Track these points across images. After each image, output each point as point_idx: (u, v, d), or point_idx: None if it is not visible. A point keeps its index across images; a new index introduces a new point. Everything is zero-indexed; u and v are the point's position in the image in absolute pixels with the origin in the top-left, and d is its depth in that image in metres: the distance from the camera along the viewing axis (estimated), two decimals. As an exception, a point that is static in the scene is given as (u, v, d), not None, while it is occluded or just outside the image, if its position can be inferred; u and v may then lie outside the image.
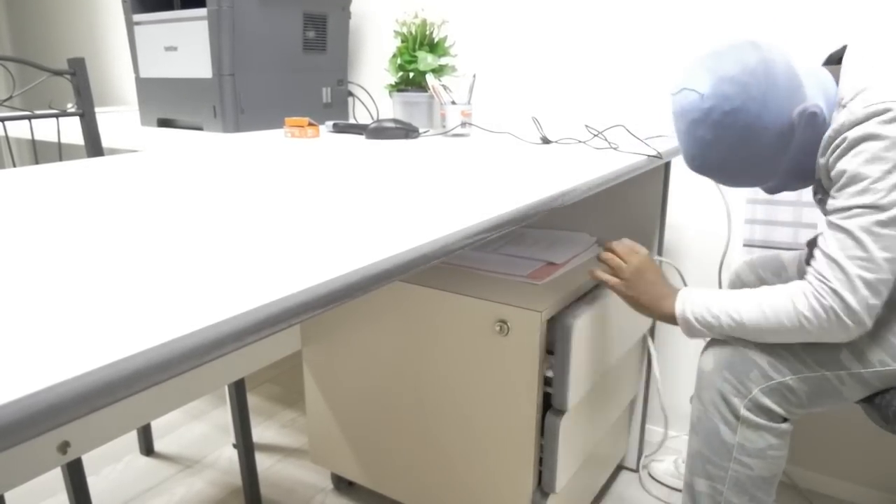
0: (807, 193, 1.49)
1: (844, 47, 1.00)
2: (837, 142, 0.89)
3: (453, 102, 1.54)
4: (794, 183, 1.03)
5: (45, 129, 1.60)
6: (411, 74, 1.73)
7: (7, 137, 1.49)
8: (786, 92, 0.93)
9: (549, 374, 1.15)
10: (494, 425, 1.20)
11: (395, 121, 1.52)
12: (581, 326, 1.12)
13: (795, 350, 0.96)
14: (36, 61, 1.38)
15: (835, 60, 1.02)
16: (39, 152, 2.37)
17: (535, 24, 1.79)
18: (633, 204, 1.45)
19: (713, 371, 1.01)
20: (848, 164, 0.87)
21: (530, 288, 1.20)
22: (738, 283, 1.36)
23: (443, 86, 1.56)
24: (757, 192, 1.55)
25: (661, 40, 1.62)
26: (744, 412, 0.98)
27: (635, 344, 1.49)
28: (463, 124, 1.54)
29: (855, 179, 0.86)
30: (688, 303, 1.02)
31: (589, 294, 1.26)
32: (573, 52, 1.74)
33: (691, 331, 1.02)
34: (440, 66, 1.72)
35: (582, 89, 1.75)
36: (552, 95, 1.80)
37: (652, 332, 1.54)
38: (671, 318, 1.04)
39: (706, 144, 0.96)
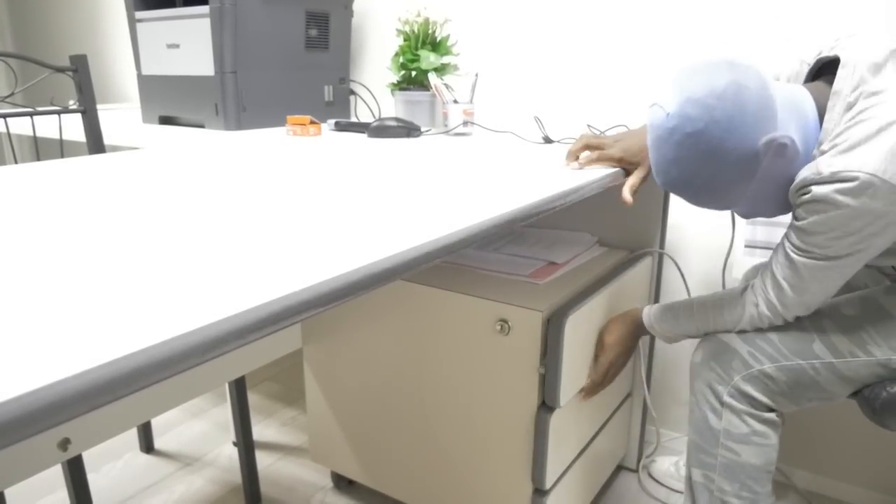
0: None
1: (837, 59, 0.96)
2: (803, 190, 0.91)
3: (455, 101, 1.54)
4: (767, 209, 1.02)
5: (46, 126, 1.60)
6: (413, 73, 1.73)
7: (9, 134, 1.49)
8: (753, 119, 0.90)
9: (541, 371, 1.14)
10: (495, 424, 1.20)
11: (397, 119, 1.52)
12: (573, 323, 1.11)
13: (772, 340, 1.03)
14: (38, 58, 1.38)
15: (823, 64, 1.01)
16: (41, 149, 2.37)
17: (537, 24, 1.79)
18: (634, 204, 1.45)
19: (701, 363, 1.08)
20: (806, 217, 0.91)
21: (531, 287, 1.20)
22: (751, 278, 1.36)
23: (445, 85, 1.56)
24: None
25: (663, 40, 1.62)
26: (727, 398, 1.04)
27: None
28: (465, 123, 1.54)
29: (808, 230, 0.91)
30: (647, 318, 1.19)
31: (584, 293, 1.26)
32: (575, 52, 1.74)
33: (661, 331, 1.18)
34: (442, 64, 1.72)
35: (584, 89, 1.75)
36: (554, 95, 1.80)
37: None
38: (642, 326, 1.21)
39: (669, 162, 0.96)
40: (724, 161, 0.92)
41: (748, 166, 0.92)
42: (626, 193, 1.10)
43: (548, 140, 1.40)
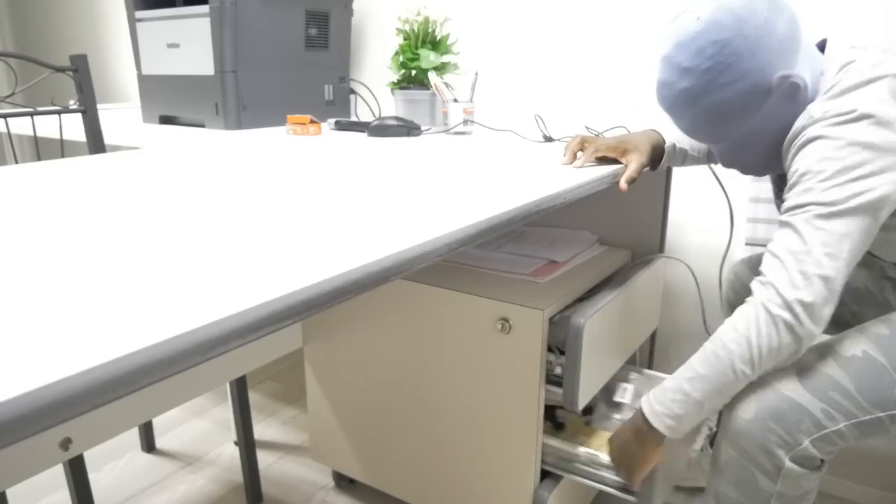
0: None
1: (825, 41, 0.98)
2: (797, 137, 0.88)
3: (455, 100, 1.54)
4: (749, 159, 0.98)
5: (47, 126, 1.60)
6: (413, 72, 1.73)
7: (9, 134, 1.49)
8: (778, 48, 0.88)
9: (558, 371, 1.15)
10: (496, 423, 1.20)
11: (397, 118, 1.52)
12: (592, 326, 1.11)
13: (849, 392, 0.87)
14: (38, 58, 1.38)
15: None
16: (41, 149, 2.37)
17: (537, 23, 1.79)
18: (635, 202, 1.45)
19: (754, 420, 0.89)
20: (799, 162, 0.86)
21: (532, 286, 1.20)
22: (738, 282, 1.35)
23: (445, 83, 1.56)
24: (759, 192, 1.55)
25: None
26: (788, 465, 0.88)
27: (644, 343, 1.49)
28: (465, 122, 1.54)
29: (804, 177, 0.84)
30: (648, 404, 0.95)
31: (595, 293, 1.26)
32: (576, 52, 1.74)
33: (679, 423, 0.92)
34: (442, 63, 1.72)
35: (585, 88, 1.75)
36: (555, 94, 1.80)
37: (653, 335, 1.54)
38: (660, 437, 0.95)
39: (682, 71, 0.92)
40: (737, 82, 0.89)
41: (758, 97, 0.90)
42: (623, 183, 1.06)
43: (548, 139, 1.40)
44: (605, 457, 1.16)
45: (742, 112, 0.92)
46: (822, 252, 0.81)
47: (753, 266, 1.33)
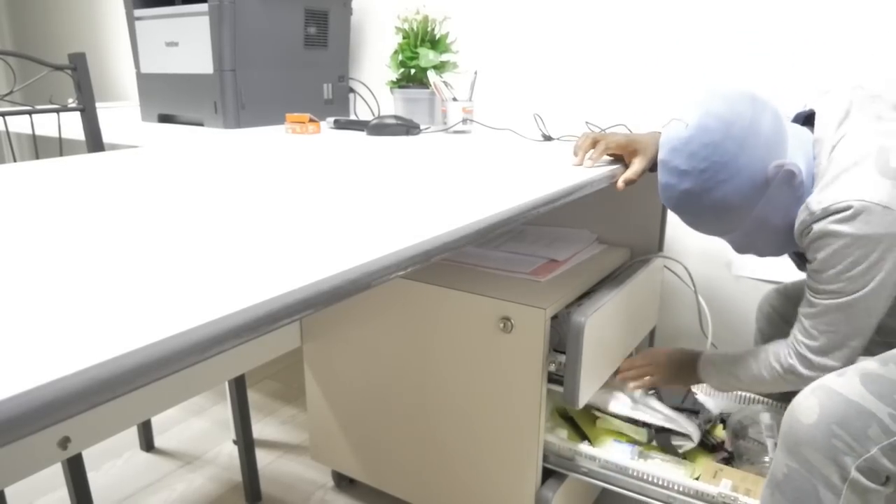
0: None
1: (812, 112, 1.02)
2: (805, 231, 0.93)
3: (454, 99, 1.54)
4: (761, 244, 1.04)
5: (45, 124, 1.60)
6: (413, 71, 1.73)
7: (8, 132, 1.49)
8: (766, 142, 0.94)
9: (552, 369, 1.15)
10: (497, 423, 1.20)
11: (396, 117, 1.52)
12: (592, 324, 1.11)
13: None
14: (37, 56, 1.37)
15: (801, 120, 1.04)
16: (40, 147, 2.37)
17: (536, 21, 1.79)
18: (634, 201, 1.45)
19: (817, 424, 0.85)
20: (814, 255, 0.93)
21: (533, 285, 1.20)
22: (775, 316, 1.33)
23: (444, 82, 1.55)
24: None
25: (662, 39, 1.62)
26: (854, 474, 0.83)
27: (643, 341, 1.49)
28: (464, 121, 1.53)
29: (821, 272, 0.92)
30: (703, 363, 1.16)
31: (594, 291, 1.25)
32: (575, 50, 1.74)
33: (717, 386, 1.16)
34: (441, 62, 1.72)
35: (584, 87, 1.75)
36: (554, 93, 1.79)
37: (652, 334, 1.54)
38: (697, 382, 1.19)
39: (680, 174, 0.97)
40: (734, 178, 0.94)
41: (756, 189, 0.95)
42: (620, 182, 1.10)
43: (547, 138, 1.40)
44: (606, 455, 1.16)
45: (744, 203, 0.97)
46: (846, 330, 0.93)
47: (790, 297, 1.32)
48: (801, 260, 1.10)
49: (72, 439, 1.02)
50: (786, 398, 1.20)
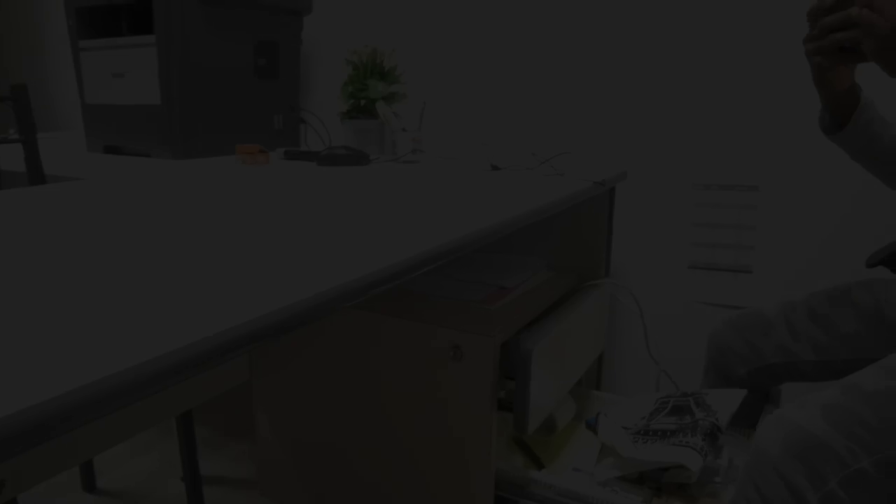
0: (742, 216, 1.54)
1: None
2: None
3: (404, 129, 1.56)
4: None
5: (-16, 156, 1.55)
6: (362, 102, 1.75)
7: (-57, 164, 1.44)
8: None
9: (502, 395, 1.16)
10: (449, 451, 1.20)
11: (346, 148, 1.53)
12: (541, 351, 1.13)
13: (868, 424, 0.82)
14: (-25, 87, 1.34)
15: None
16: (-22, 179, 2.30)
17: (484, 53, 1.83)
18: (581, 227, 1.49)
19: (780, 457, 0.83)
20: None
21: (483, 313, 1.21)
22: (726, 348, 1.24)
23: (393, 113, 1.57)
24: (702, 216, 1.61)
25: (607, 69, 1.67)
26: None
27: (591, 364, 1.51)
28: (413, 151, 1.55)
29: None
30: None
31: (543, 318, 1.27)
32: (521, 80, 1.78)
33: None
34: (391, 93, 1.74)
35: (530, 116, 1.79)
36: (501, 122, 1.83)
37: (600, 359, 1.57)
38: None
39: None
40: None
41: None
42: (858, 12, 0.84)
43: (495, 167, 1.42)
44: (563, 483, 1.16)
45: None
46: None
47: (740, 331, 1.22)
48: None
49: (6, 483, 0.98)
50: (751, 425, 1.10)
